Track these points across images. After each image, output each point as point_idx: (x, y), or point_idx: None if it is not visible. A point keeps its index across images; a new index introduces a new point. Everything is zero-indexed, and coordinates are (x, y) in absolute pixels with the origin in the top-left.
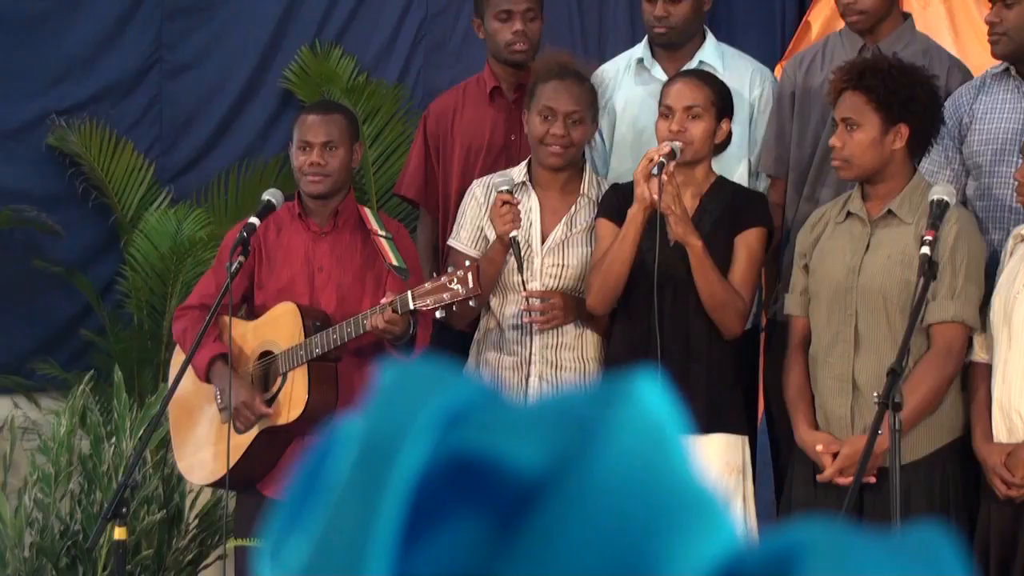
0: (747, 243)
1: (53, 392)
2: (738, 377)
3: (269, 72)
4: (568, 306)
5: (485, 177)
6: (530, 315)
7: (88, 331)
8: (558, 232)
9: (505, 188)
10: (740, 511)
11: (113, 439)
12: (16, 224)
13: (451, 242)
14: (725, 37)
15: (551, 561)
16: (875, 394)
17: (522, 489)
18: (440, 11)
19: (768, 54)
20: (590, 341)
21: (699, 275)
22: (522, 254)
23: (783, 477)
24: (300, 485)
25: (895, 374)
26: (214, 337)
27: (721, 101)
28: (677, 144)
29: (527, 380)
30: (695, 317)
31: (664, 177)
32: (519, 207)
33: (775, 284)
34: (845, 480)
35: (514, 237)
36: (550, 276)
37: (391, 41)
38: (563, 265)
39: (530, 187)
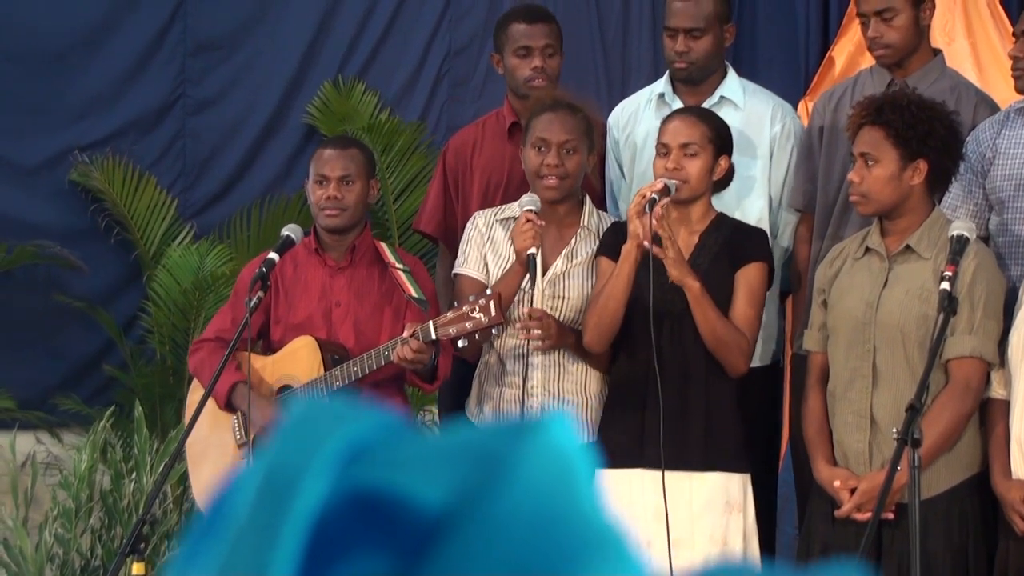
0: (747, 279)
1: (75, 427)
2: (739, 413)
3: (292, 107)
4: (559, 331)
5: (486, 210)
6: (527, 332)
7: (111, 366)
8: (558, 264)
9: (531, 208)
10: (740, 549)
11: (134, 474)
12: (39, 260)
13: (459, 270)
14: (748, 72)
15: None
16: (894, 430)
17: (425, 525)
18: (463, 47)
19: (792, 89)
20: (593, 375)
21: (698, 315)
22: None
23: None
24: (206, 519)
25: (914, 410)
26: (233, 368)
27: (718, 138)
28: (672, 181)
29: (528, 413)
30: (693, 352)
31: (658, 211)
32: (541, 226)
33: (803, 319)
34: (863, 516)
35: (532, 255)
36: (549, 308)
37: (414, 76)
38: (562, 297)
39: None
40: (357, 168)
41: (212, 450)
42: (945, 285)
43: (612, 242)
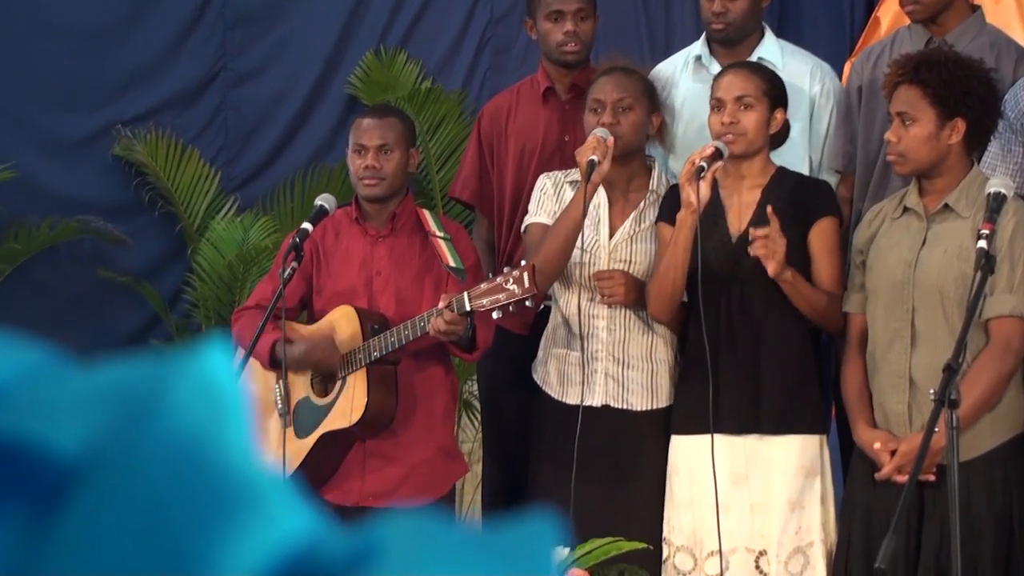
0: (823, 235)
1: None
2: (813, 374)
3: (334, 78)
4: (630, 285)
5: (554, 172)
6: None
7: (156, 340)
8: (626, 228)
9: (602, 135)
10: (818, 514)
11: None
12: (83, 235)
13: (531, 219)
14: (794, 32)
15: (83, 557)
16: (931, 391)
17: (58, 475)
18: (505, 15)
19: (837, 50)
20: (660, 341)
21: (796, 300)
22: (593, 174)
23: None
24: None
25: (951, 370)
26: (272, 329)
27: (774, 90)
28: (723, 144)
29: (593, 376)
30: (765, 314)
31: (709, 176)
32: (610, 147)
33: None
34: (903, 478)
35: (591, 160)
36: None
37: (456, 45)
38: (629, 262)
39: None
40: (396, 137)
41: (256, 420)
42: (982, 243)
43: (671, 207)
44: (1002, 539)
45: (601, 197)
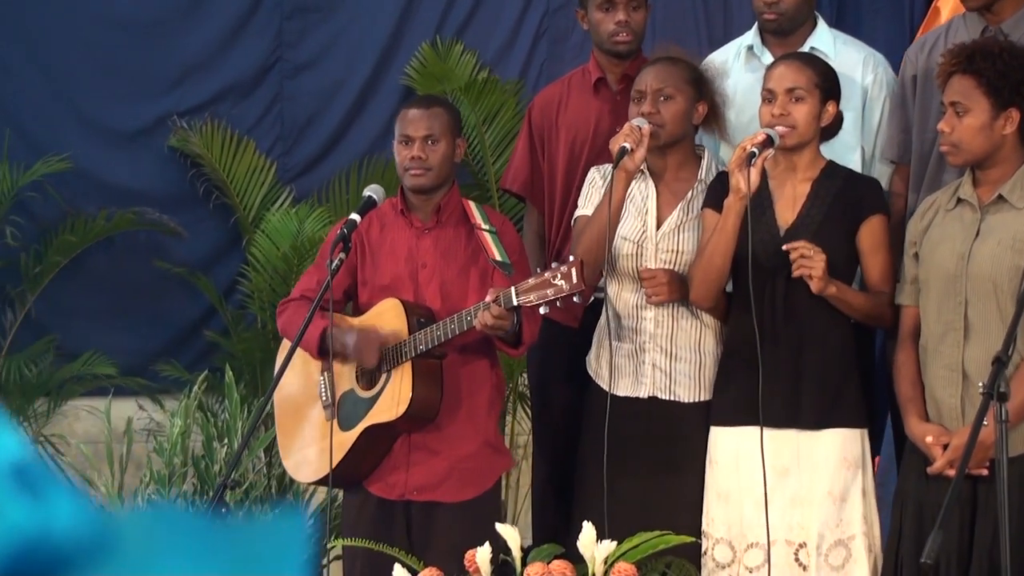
0: (872, 235)
1: (177, 394)
2: (855, 367)
3: (390, 69)
4: (675, 284)
5: (603, 165)
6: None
7: (212, 332)
8: (674, 217)
9: (638, 123)
10: (860, 506)
11: (225, 440)
12: (139, 226)
13: (581, 211)
14: (853, 22)
15: None
16: (980, 384)
17: None
18: (561, 5)
19: (897, 41)
20: (708, 332)
21: (844, 309)
22: (621, 161)
23: None
24: None
25: (1000, 363)
26: (320, 317)
27: (826, 82)
28: (775, 131)
29: (641, 368)
30: (808, 306)
31: (759, 163)
32: (645, 135)
33: (898, 273)
34: (955, 472)
35: (623, 147)
36: (664, 263)
37: (513, 36)
38: (677, 251)
39: (647, 175)
40: (441, 127)
41: (300, 413)
42: None
43: (718, 193)
44: None
45: (649, 188)
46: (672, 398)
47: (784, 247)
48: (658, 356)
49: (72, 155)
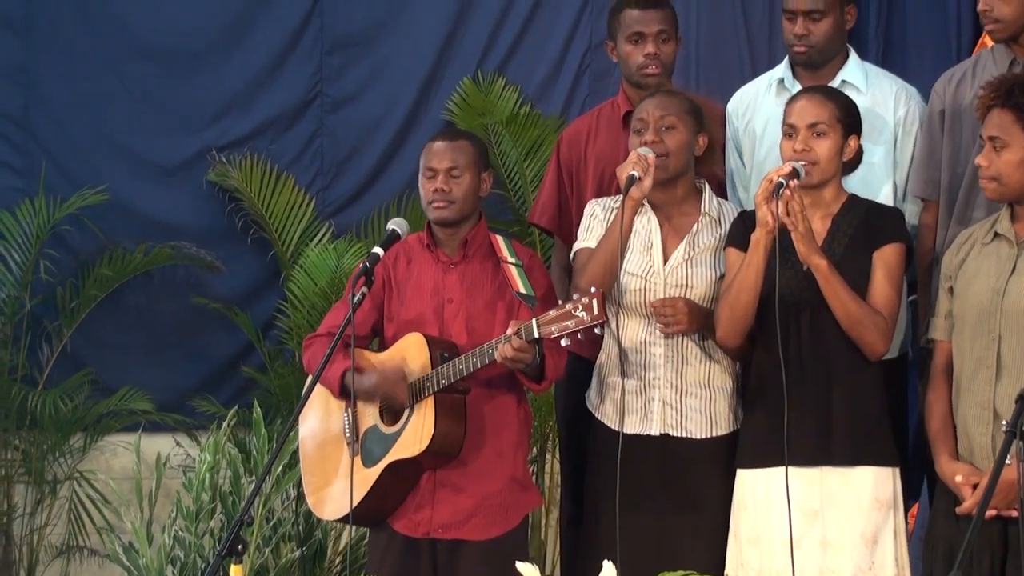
0: (884, 259)
1: (213, 430)
2: (886, 404)
3: (431, 104)
4: (693, 312)
5: (603, 198)
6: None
7: (249, 368)
8: (680, 252)
9: (644, 152)
10: (892, 548)
11: (253, 476)
12: (176, 261)
13: (579, 245)
14: (899, 57)
15: None
16: (1003, 422)
17: None
18: (604, 40)
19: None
20: (717, 368)
21: (829, 294)
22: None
23: None
24: None
25: (1023, 400)
26: (343, 357)
27: (847, 116)
28: (800, 164)
29: (650, 405)
30: (835, 342)
31: (786, 195)
32: (651, 164)
33: (929, 310)
34: (988, 514)
35: (631, 175)
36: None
37: (555, 70)
38: (686, 286)
39: (649, 209)
40: (466, 160)
41: (324, 449)
42: None
43: (740, 232)
44: None
45: (652, 222)
46: (684, 435)
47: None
48: (668, 392)
49: (110, 188)
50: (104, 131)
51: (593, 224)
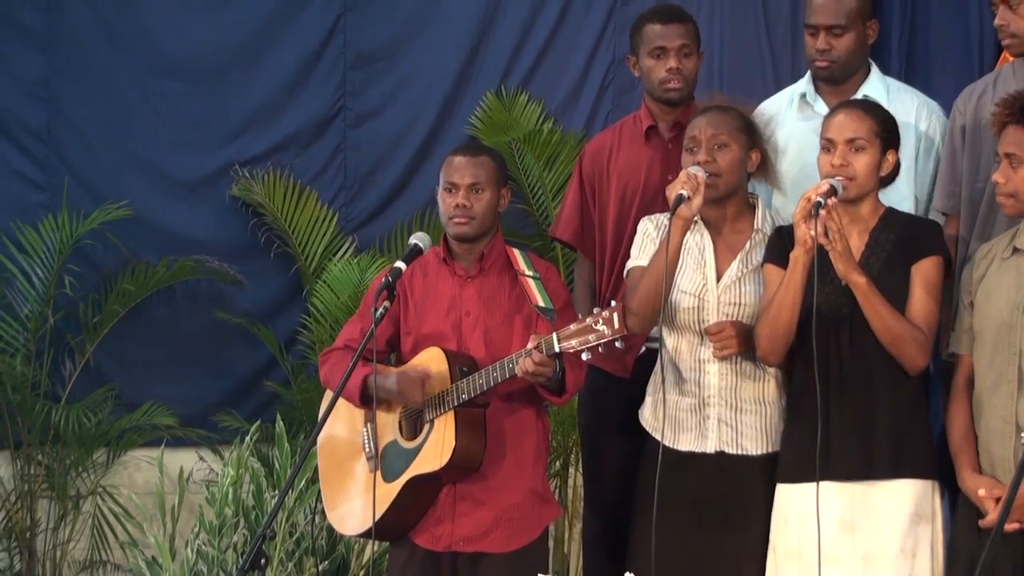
0: (922, 273)
1: (236, 444)
2: (924, 418)
3: (454, 119)
4: (743, 336)
5: (656, 215)
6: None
7: (272, 383)
8: (733, 269)
9: (694, 171)
10: (928, 562)
11: (276, 490)
12: (199, 275)
13: (633, 263)
14: (922, 73)
15: None
16: (1021, 435)
17: None
18: (627, 54)
19: None
20: (771, 383)
21: (868, 311)
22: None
23: None
24: None
25: None
26: (363, 365)
27: (886, 131)
28: (837, 181)
29: (706, 423)
30: (876, 357)
31: (823, 215)
32: (701, 183)
33: (950, 324)
34: (1011, 527)
35: (680, 194)
36: (726, 315)
37: (578, 86)
38: (739, 304)
39: (702, 226)
40: (487, 175)
41: (344, 465)
42: None
43: (778, 248)
44: None
45: (705, 239)
46: (740, 452)
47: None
48: (723, 410)
49: (132, 203)
50: (127, 146)
51: (646, 242)
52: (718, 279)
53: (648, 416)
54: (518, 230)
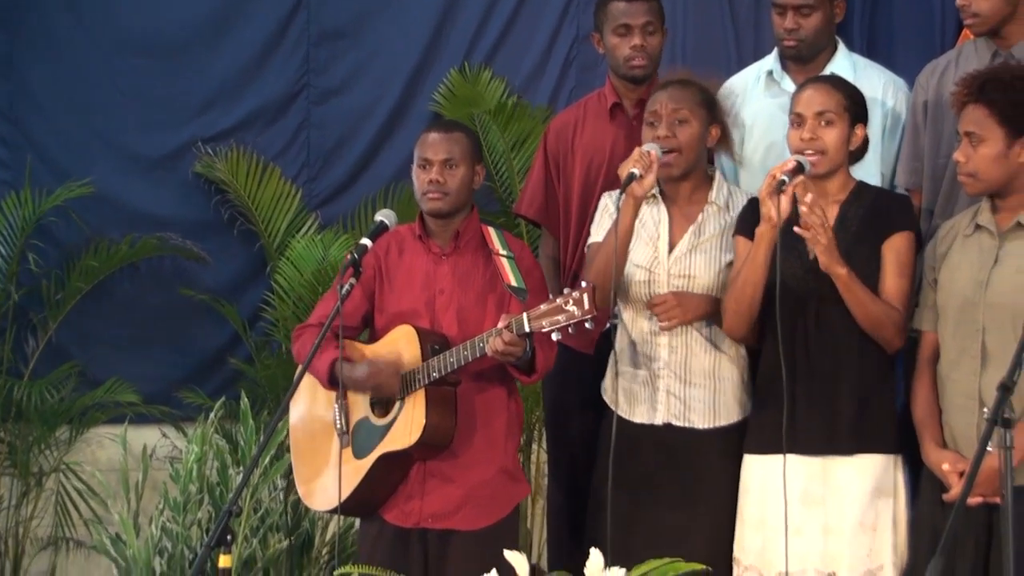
0: (894, 250)
1: (200, 421)
2: (889, 394)
3: (418, 95)
4: (686, 305)
5: (615, 191)
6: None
7: (236, 359)
8: (685, 242)
9: (650, 149)
10: (890, 536)
11: (240, 467)
12: (162, 252)
13: (594, 239)
14: (885, 51)
15: None
16: (984, 410)
17: None
18: (591, 31)
19: None
20: (724, 359)
21: (849, 300)
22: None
23: None
24: None
25: (1005, 389)
26: (333, 347)
27: (854, 105)
28: (805, 158)
29: (655, 395)
30: (842, 332)
31: (790, 191)
32: (654, 161)
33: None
34: (974, 500)
35: (631, 173)
36: (677, 288)
37: (542, 62)
38: (689, 276)
39: (659, 199)
40: (461, 152)
41: (315, 440)
42: None
43: (749, 220)
44: None
45: (661, 213)
46: (687, 424)
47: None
48: (672, 383)
49: (95, 180)
50: (90, 123)
51: (604, 217)
52: (670, 251)
53: (608, 389)
54: (482, 206)
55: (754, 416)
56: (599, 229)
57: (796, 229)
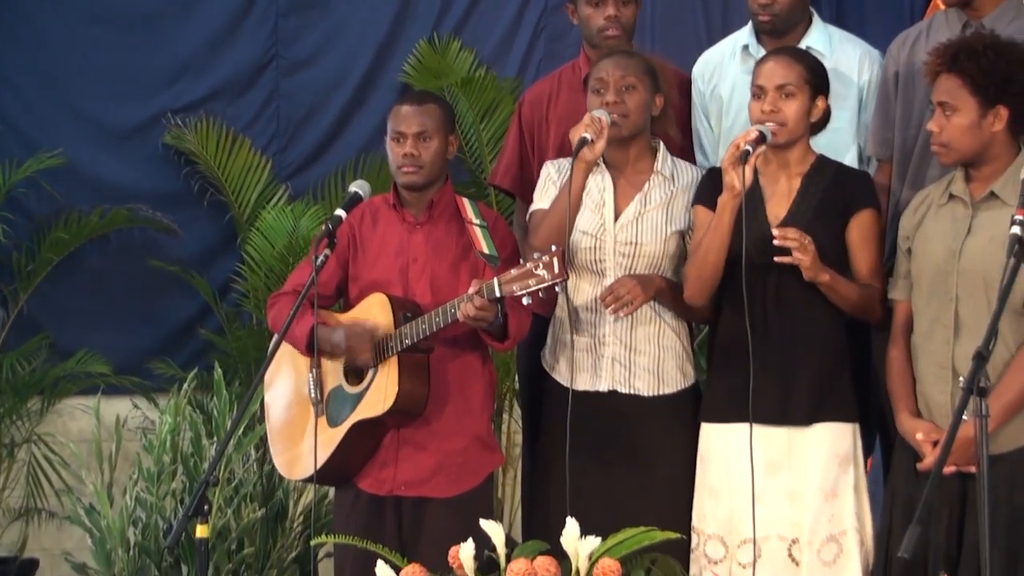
0: (862, 228)
1: (173, 392)
2: (847, 363)
3: (387, 66)
4: (644, 283)
5: (559, 159)
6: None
7: (207, 331)
8: (631, 209)
9: (600, 115)
10: (852, 502)
11: (214, 437)
12: (132, 223)
13: (536, 206)
14: (855, 20)
15: None
16: (960, 379)
17: None
18: (560, 2)
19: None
20: (667, 328)
21: (835, 299)
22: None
23: None
24: None
25: (980, 358)
26: (310, 314)
27: (815, 78)
28: (767, 128)
29: (600, 362)
30: (801, 301)
31: (752, 160)
32: (604, 127)
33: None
34: (948, 469)
35: (583, 137)
36: (623, 255)
37: (511, 33)
38: (636, 243)
39: (603, 168)
40: (435, 124)
41: (289, 410)
42: (1016, 229)
43: (709, 190)
44: None
45: (606, 181)
46: (631, 391)
47: (774, 230)
48: (618, 349)
49: (66, 152)
50: (59, 94)
51: (548, 185)
52: (616, 219)
53: (548, 356)
54: (452, 177)
55: (712, 385)
56: (544, 196)
57: (778, 255)
